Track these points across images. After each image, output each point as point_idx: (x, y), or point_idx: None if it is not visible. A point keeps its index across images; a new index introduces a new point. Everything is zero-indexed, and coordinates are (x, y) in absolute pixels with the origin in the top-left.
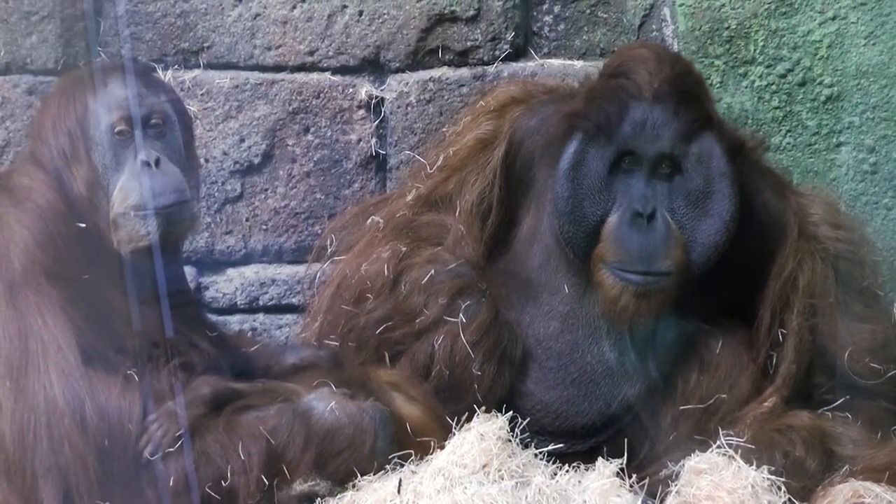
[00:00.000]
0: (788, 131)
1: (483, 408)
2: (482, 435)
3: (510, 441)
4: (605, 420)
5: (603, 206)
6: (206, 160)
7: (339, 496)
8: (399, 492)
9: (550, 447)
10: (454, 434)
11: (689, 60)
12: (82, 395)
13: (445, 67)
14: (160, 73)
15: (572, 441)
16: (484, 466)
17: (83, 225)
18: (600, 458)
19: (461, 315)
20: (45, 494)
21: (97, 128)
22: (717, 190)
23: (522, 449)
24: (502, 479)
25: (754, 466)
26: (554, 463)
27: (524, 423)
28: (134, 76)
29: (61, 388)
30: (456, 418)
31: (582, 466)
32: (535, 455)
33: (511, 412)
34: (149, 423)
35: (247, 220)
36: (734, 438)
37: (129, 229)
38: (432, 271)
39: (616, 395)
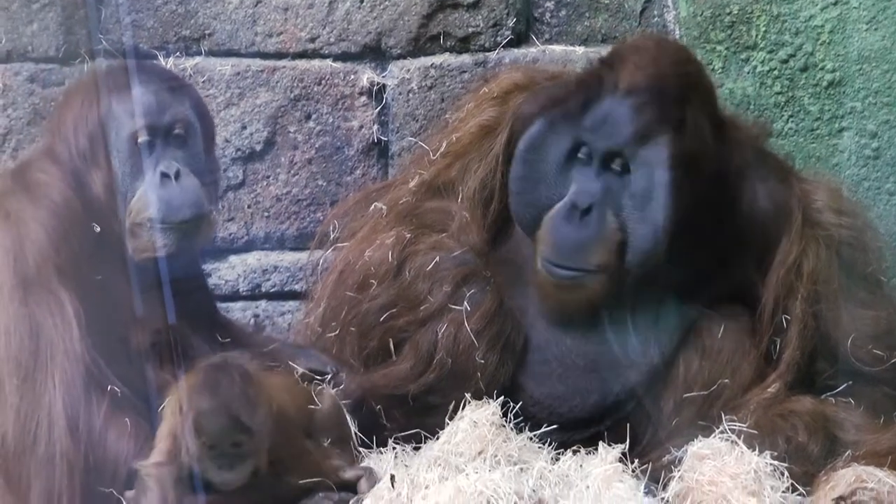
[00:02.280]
0: (790, 117)
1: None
2: (475, 422)
3: (504, 426)
4: (604, 410)
5: (556, 193)
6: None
7: None
8: (393, 486)
9: (544, 429)
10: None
11: (691, 57)
12: (79, 407)
13: (447, 54)
14: (161, 61)
15: (572, 431)
16: (480, 453)
17: (98, 228)
18: (602, 444)
19: (465, 303)
20: (32, 496)
21: (119, 135)
22: (656, 198)
23: (517, 434)
24: (499, 464)
25: (757, 452)
26: (555, 448)
27: (516, 407)
28: (159, 80)
29: (61, 395)
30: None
31: (583, 451)
32: (530, 438)
33: (503, 397)
34: None
35: (249, 207)
36: (737, 424)
37: (144, 240)
38: (437, 259)
39: (617, 385)
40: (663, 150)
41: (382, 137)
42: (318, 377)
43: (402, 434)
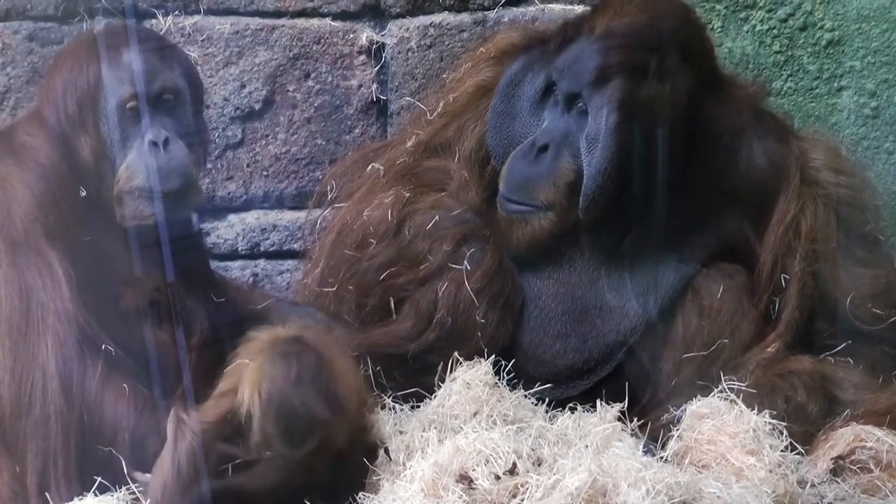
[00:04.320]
0: (790, 76)
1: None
2: (468, 383)
3: (497, 385)
4: (597, 361)
5: (528, 130)
6: (207, 106)
7: None
8: (390, 457)
9: (538, 387)
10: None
11: (682, 12)
12: (73, 366)
13: (446, 12)
14: (160, 19)
15: (566, 385)
16: (475, 414)
17: (84, 192)
18: (600, 403)
19: (465, 262)
20: (29, 457)
21: (108, 101)
22: (602, 140)
23: (510, 392)
24: (495, 424)
25: (756, 411)
26: (551, 406)
27: (508, 365)
28: (149, 46)
29: (54, 355)
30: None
31: (580, 409)
32: (525, 396)
33: (494, 356)
34: None
35: (248, 165)
36: (736, 383)
37: (133, 208)
38: (436, 217)
39: (610, 334)
40: (615, 94)
41: (381, 96)
42: None
43: (401, 393)
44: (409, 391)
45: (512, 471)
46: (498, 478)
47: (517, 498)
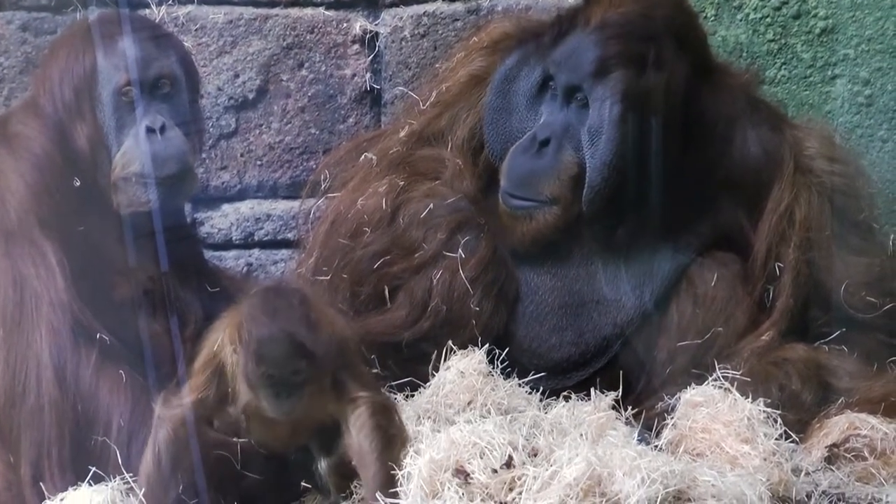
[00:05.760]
0: (783, 64)
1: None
2: (462, 372)
3: (491, 374)
4: (593, 353)
5: (526, 125)
6: (201, 96)
7: None
8: None
9: (532, 376)
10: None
11: (678, 2)
12: (66, 356)
13: (440, 2)
14: (153, 9)
15: (562, 376)
16: (469, 403)
17: (79, 182)
18: (594, 391)
19: (460, 250)
20: (23, 447)
21: (104, 88)
22: (606, 132)
23: (504, 380)
24: (489, 413)
25: (750, 399)
26: (545, 395)
27: (502, 354)
28: (145, 33)
29: (48, 345)
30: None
31: (574, 397)
32: (520, 385)
33: (488, 345)
34: None
35: (241, 155)
36: (730, 372)
37: (129, 194)
38: (431, 205)
39: (606, 327)
40: (618, 85)
41: (375, 86)
42: None
43: (395, 382)
44: (403, 380)
45: (508, 463)
46: (495, 471)
47: (515, 490)
